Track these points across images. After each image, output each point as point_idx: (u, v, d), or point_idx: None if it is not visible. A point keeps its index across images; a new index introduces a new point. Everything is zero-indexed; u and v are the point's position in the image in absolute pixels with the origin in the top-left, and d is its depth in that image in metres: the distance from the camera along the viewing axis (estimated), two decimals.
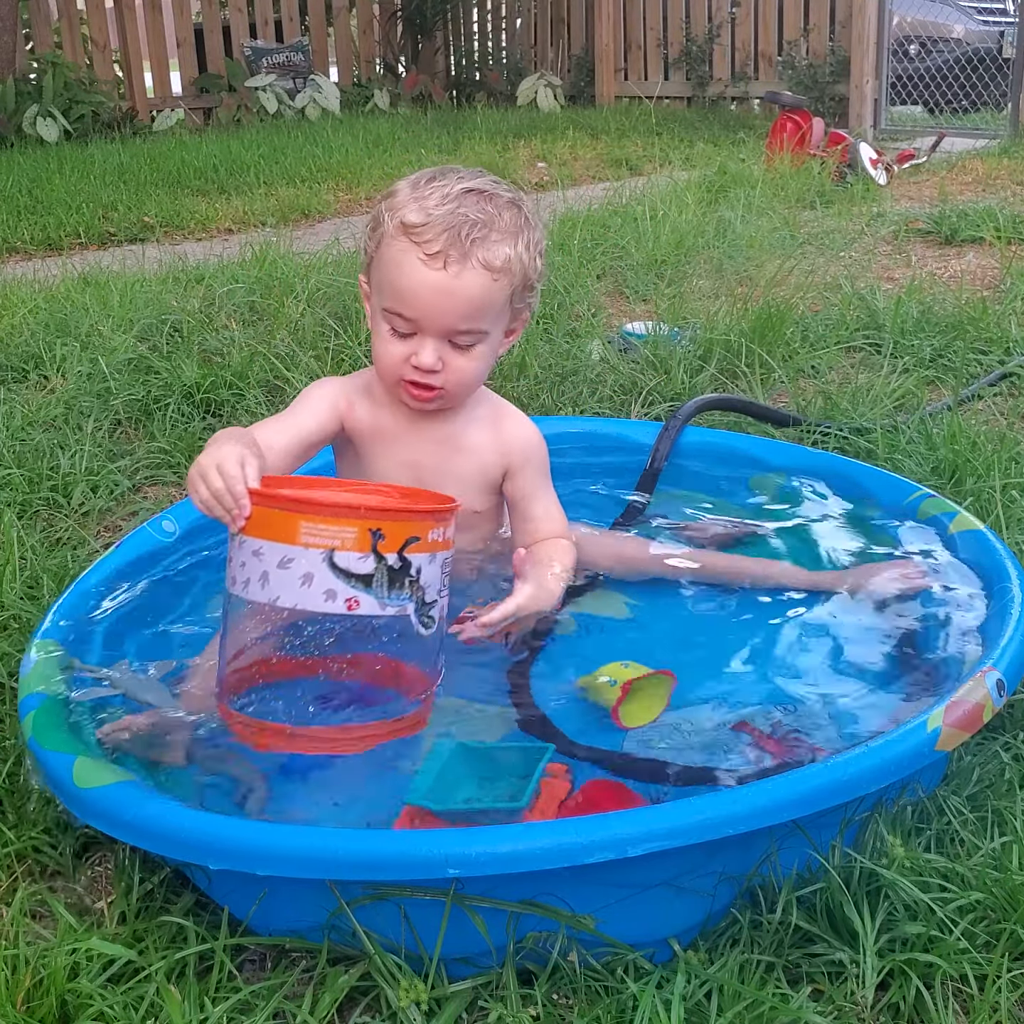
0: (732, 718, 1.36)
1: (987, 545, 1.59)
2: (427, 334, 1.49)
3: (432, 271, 1.45)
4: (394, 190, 1.53)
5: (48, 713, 1.35)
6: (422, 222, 1.45)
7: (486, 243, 1.46)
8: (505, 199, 1.52)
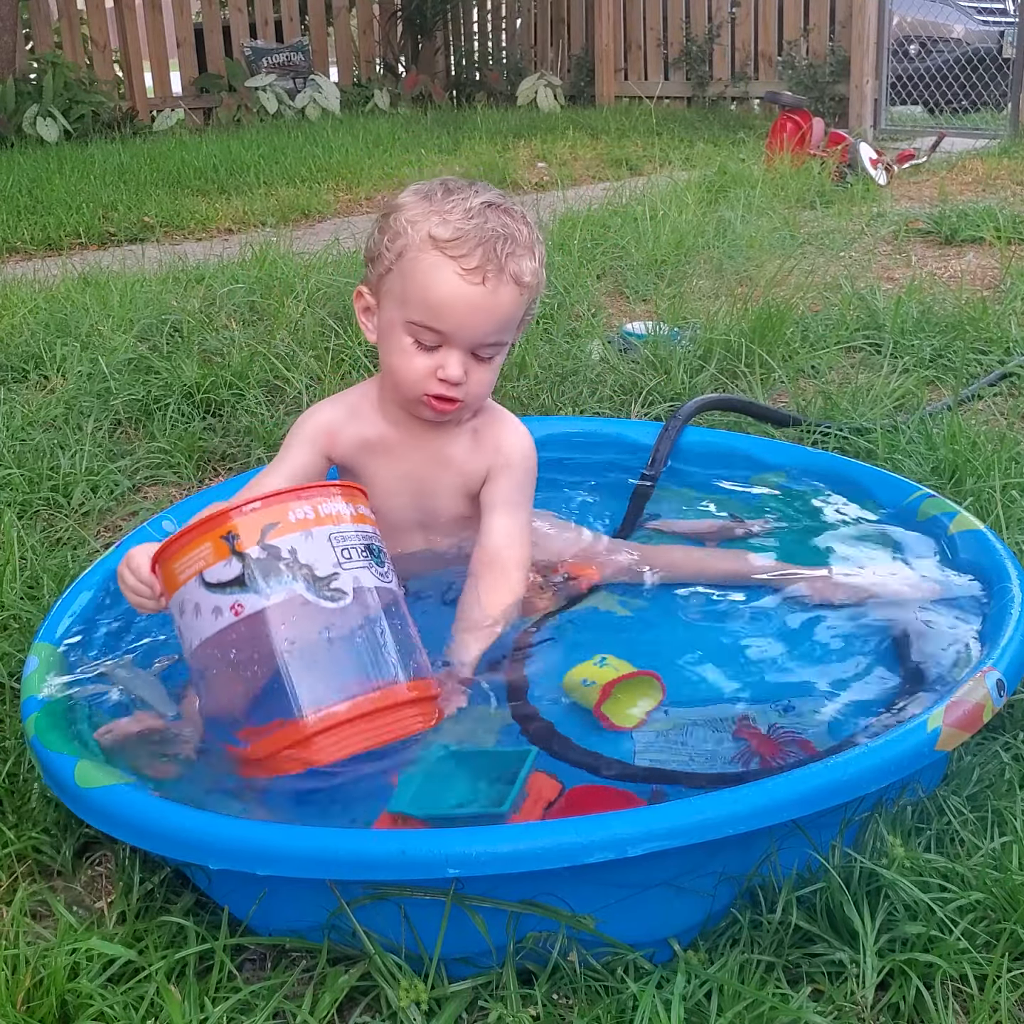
0: (730, 719, 1.36)
1: (987, 545, 1.59)
2: (455, 347, 1.49)
3: (471, 286, 1.45)
4: (401, 203, 1.51)
5: (50, 714, 1.35)
6: (454, 236, 1.45)
7: (515, 258, 1.47)
8: (518, 213, 1.53)
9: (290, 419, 2.57)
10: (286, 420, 2.58)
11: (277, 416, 2.62)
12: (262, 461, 2.39)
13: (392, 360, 1.53)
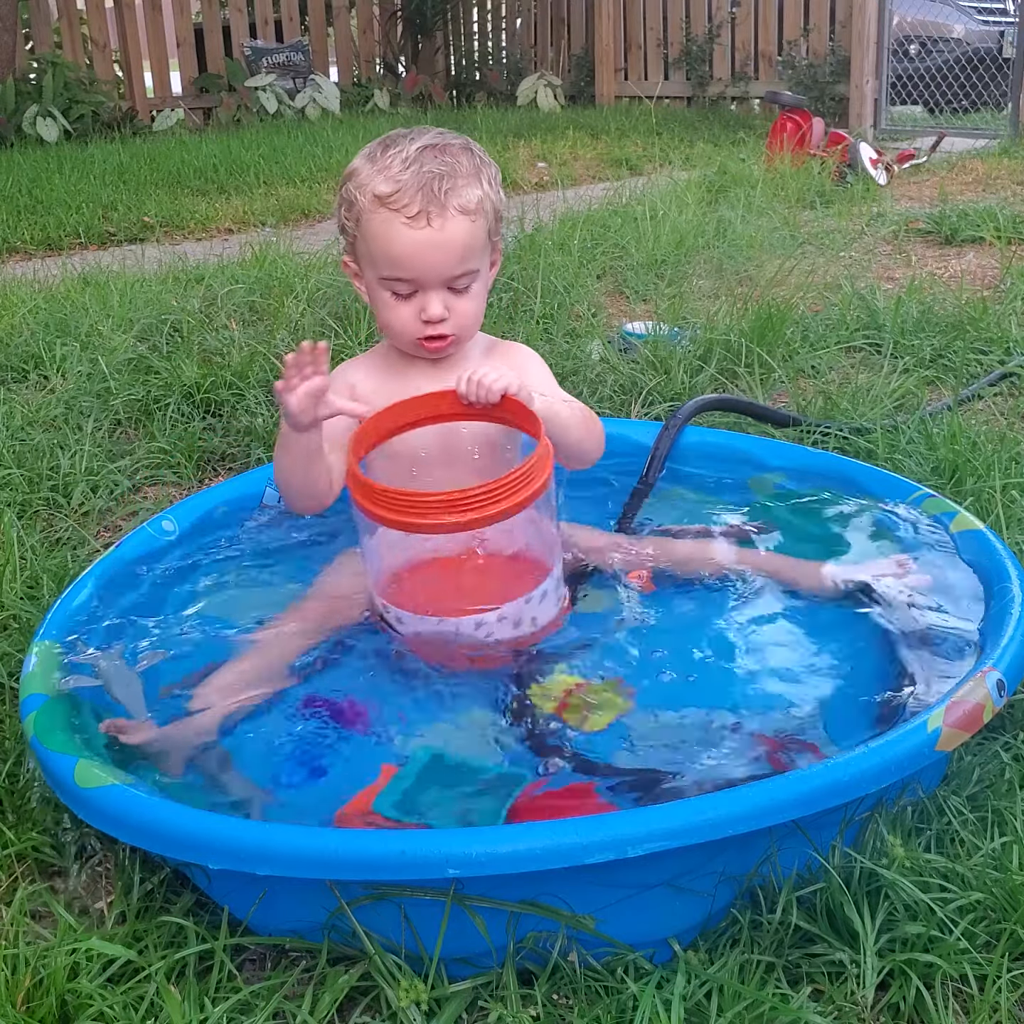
0: (730, 719, 1.36)
1: (987, 545, 1.59)
2: (428, 288, 1.57)
3: (418, 231, 1.53)
4: (353, 169, 1.62)
5: (49, 714, 1.35)
6: (394, 189, 1.54)
7: (456, 190, 1.54)
8: (457, 146, 1.59)
9: None
10: None
11: (277, 416, 2.62)
12: (262, 461, 2.39)
13: (381, 316, 1.64)
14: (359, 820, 1.21)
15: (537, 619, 1.51)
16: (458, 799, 1.25)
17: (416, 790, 1.25)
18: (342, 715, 1.42)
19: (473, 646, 1.48)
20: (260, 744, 1.38)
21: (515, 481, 1.40)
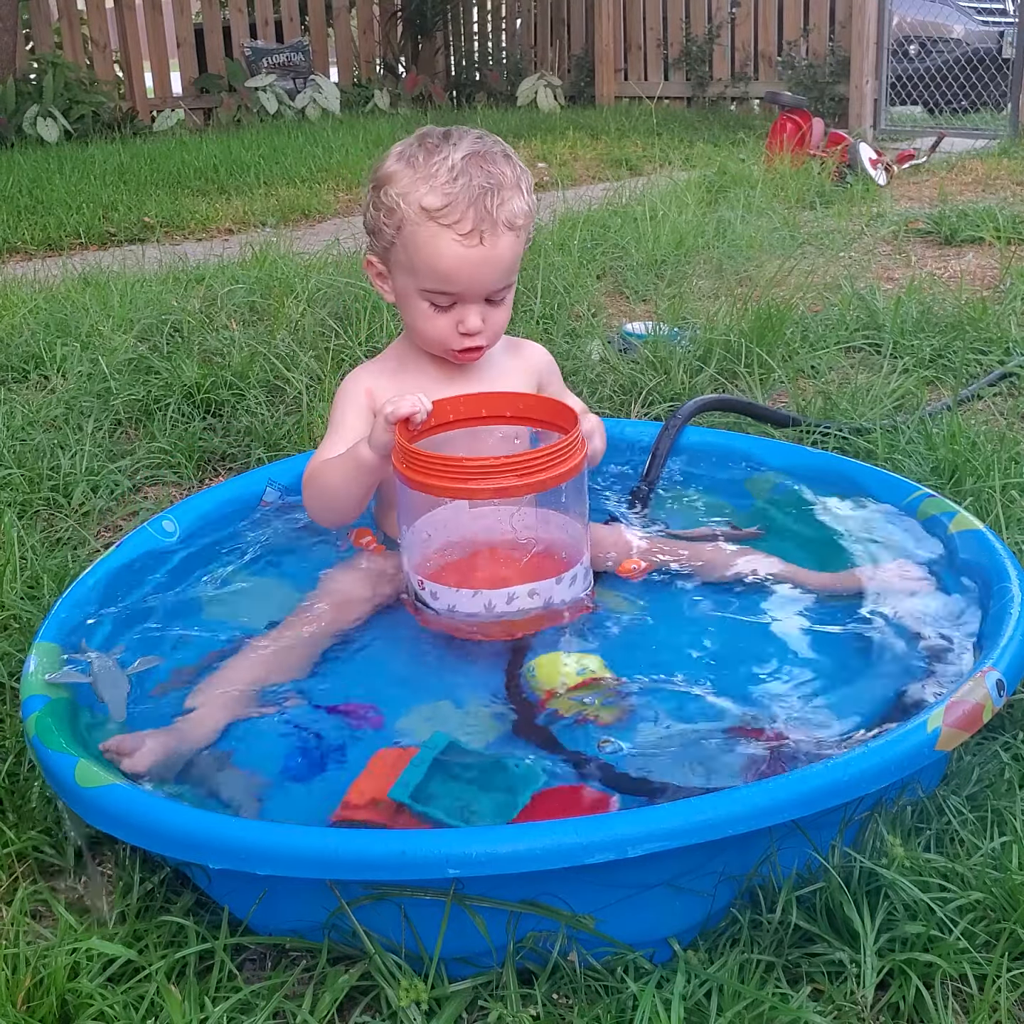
0: (729, 719, 1.36)
1: (987, 545, 1.59)
2: (469, 302, 1.58)
3: (471, 249, 1.53)
4: (391, 173, 1.56)
5: (51, 714, 1.35)
6: (444, 203, 1.51)
7: (505, 205, 1.54)
8: (499, 154, 1.57)
9: (290, 419, 2.58)
10: (286, 420, 2.58)
11: (277, 416, 2.62)
12: (262, 461, 2.39)
13: (415, 323, 1.63)
14: (366, 809, 1.21)
15: (566, 601, 1.54)
16: (467, 793, 1.24)
17: (429, 777, 1.24)
18: (351, 715, 1.42)
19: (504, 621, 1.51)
20: (264, 746, 1.37)
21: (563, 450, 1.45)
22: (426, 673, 1.51)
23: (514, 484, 1.42)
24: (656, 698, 1.41)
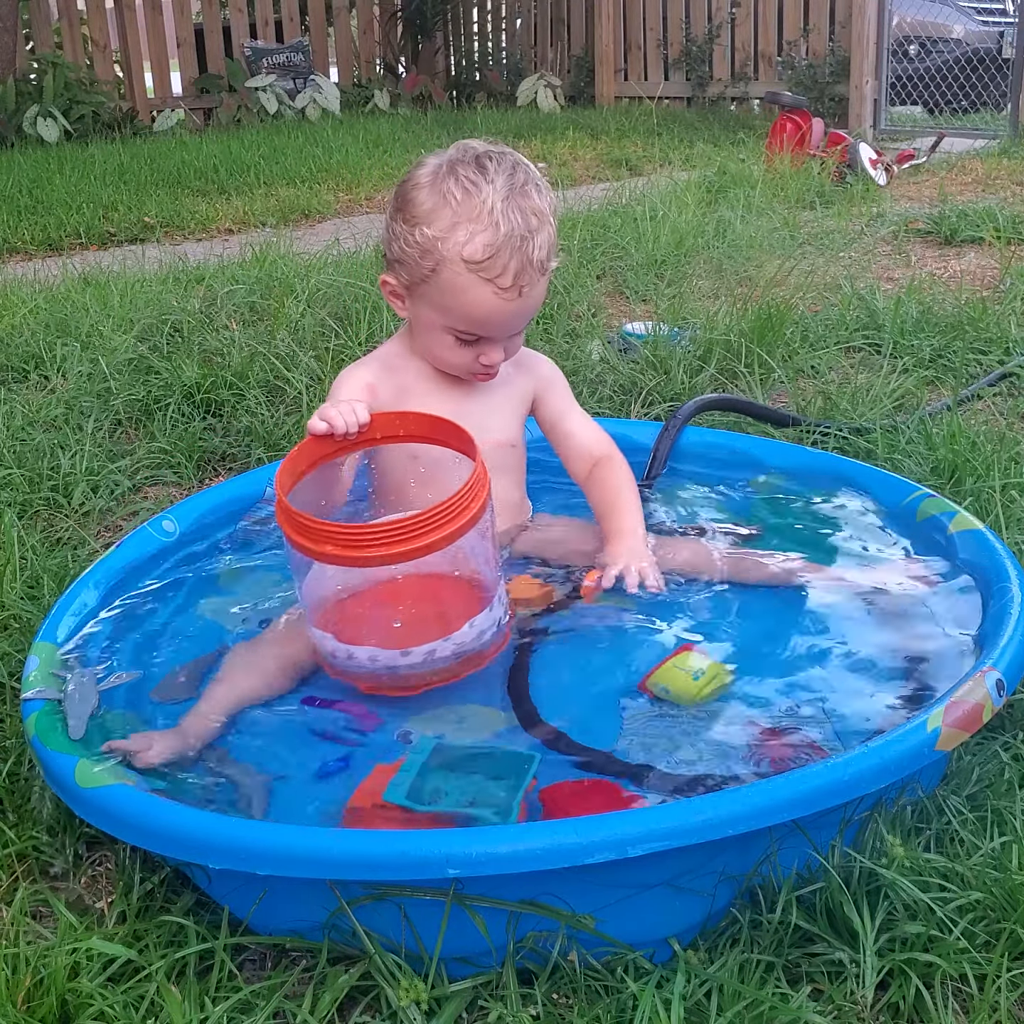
0: (733, 718, 1.36)
1: (987, 545, 1.59)
2: (496, 341, 1.60)
3: (509, 303, 1.54)
4: (426, 210, 1.52)
5: (51, 714, 1.35)
6: (486, 256, 1.50)
7: (542, 250, 1.53)
8: (532, 186, 1.55)
9: (290, 419, 2.58)
10: (286, 420, 2.58)
11: (277, 416, 2.62)
12: (262, 461, 2.39)
13: (434, 351, 1.64)
14: (371, 812, 1.21)
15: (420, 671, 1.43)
16: (469, 785, 1.25)
17: (425, 778, 1.25)
18: (347, 713, 1.42)
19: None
20: (268, 746, 1.38)
21: (452, 507, 1.35)
22: None
23: (404, 549, 1.32)
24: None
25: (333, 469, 1.53)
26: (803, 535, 1.82)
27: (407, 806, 1.20)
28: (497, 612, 1.49)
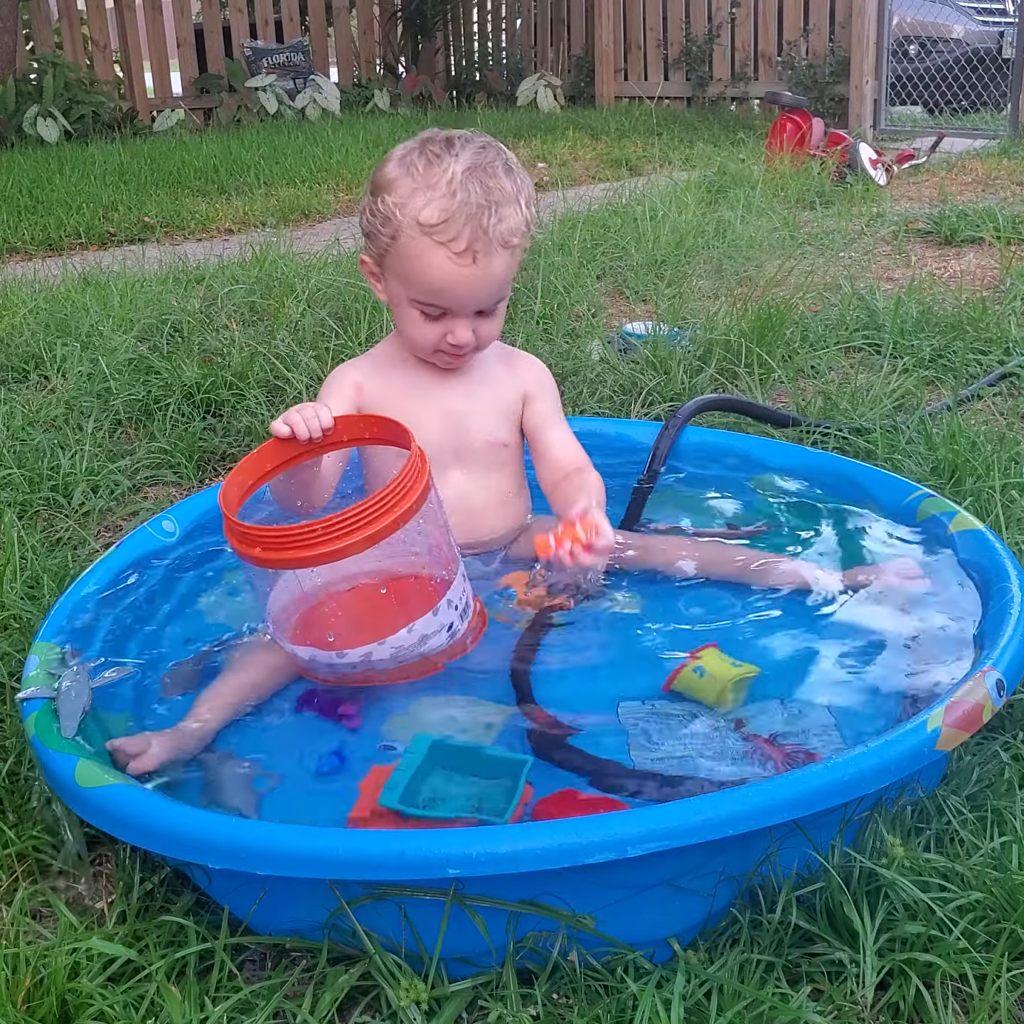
0: (731, 719, 1.36)
1: (987, 545, 1.59)
2: (459, 316, 1.57)
3: (463, 268, 1.52)
4: (390, 180, 1.54)
5: (51, 714, 1.35)
6: (440, 220, 1.49)
7: (502, 223, 1.52)
8: (500, 166, 1.55)
9: None
10: None
11: (277, 416, 2.62)
12: None
13: (404, 328, 1.63)
14: (372, 820, 1.21)
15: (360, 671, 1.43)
16: (464, 790, 1.25)
17: (420, 781, 1.25)
18: (345, 712, 1.42)
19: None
20: (267, 746, 1.38)
21: (386, 499, 1.33)
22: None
23: (320, 552, 1.30)
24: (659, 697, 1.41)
25: (306, 471, 1.52)
26: (802, 536, 1.82)
27: (401, 811, 1.20)
28: (446, 617, 1.44)
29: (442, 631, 1.44)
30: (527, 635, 1.54)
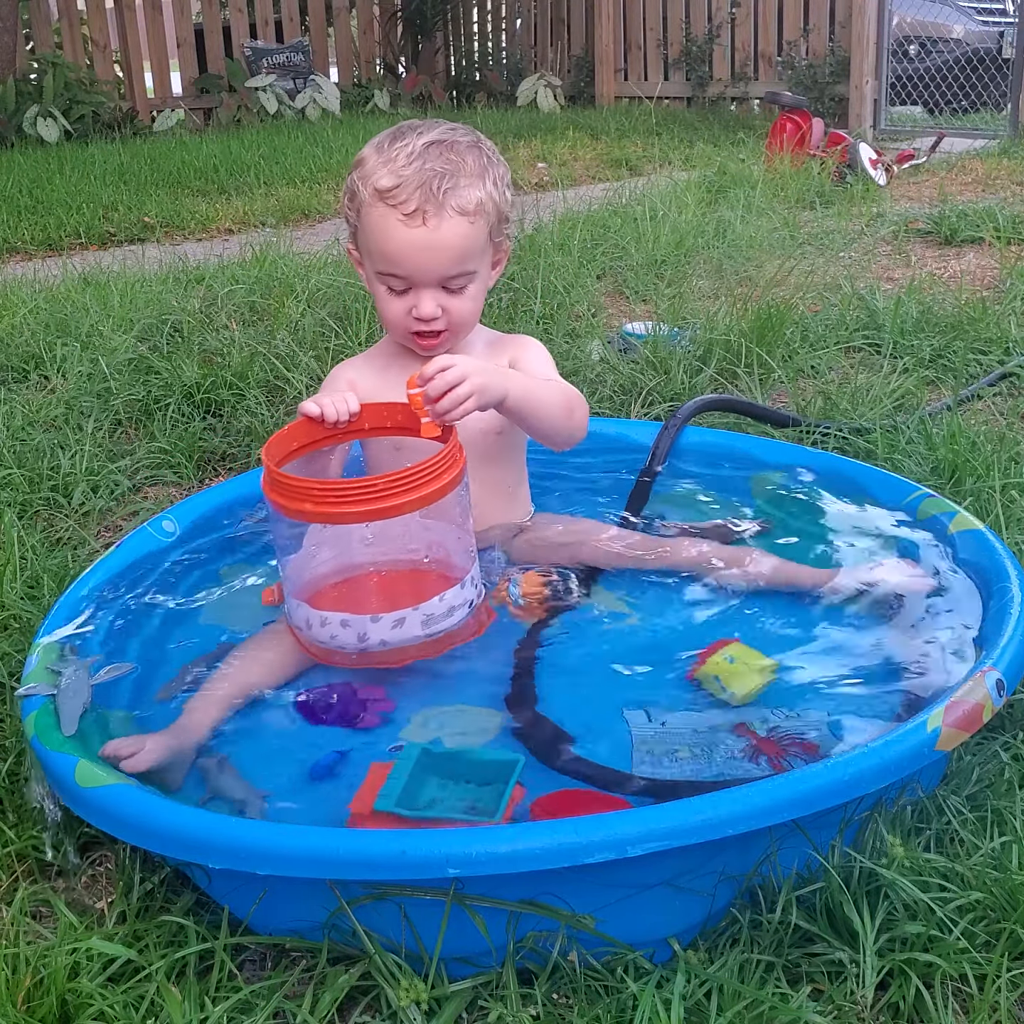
0: (731, 719, 1.36)
1: (987, 545, 1.59)
2: (421, 287, 1.57)
3: (413, 230, 1.53)
4: (361, 158, 1.61)
5: (50, 713, 1.35)
6: (394, 184, 1.53)
7: (457, 190, 1.53)
8: (465, 143, 1.57)
9: (290, 419, 2.58)
10: (286, 420, 2.58)
11: (277, 416, 2.62)
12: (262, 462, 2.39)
13: (378, 307, 1.65)
14: (370, 820, 1.21)
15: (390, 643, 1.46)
16: (458, 791, 1.25)
17: (415, 784, 1.25)
18: (339, 710, 1.42)
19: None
20: (263, 746, 1.38)
21: (437, 464, 1.40)
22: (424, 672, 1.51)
23: (384, 506, 1.37)
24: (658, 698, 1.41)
25: (322, 458, 1.56)
26: (802, 536, 1.82)
27: (398, 813, 1.20)
28: (469, 593, 1.51)
29: (464, 606, 1.50)
30: (528, 637, 1.54)
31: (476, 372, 1.46)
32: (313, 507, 1.38)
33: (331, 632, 1.46)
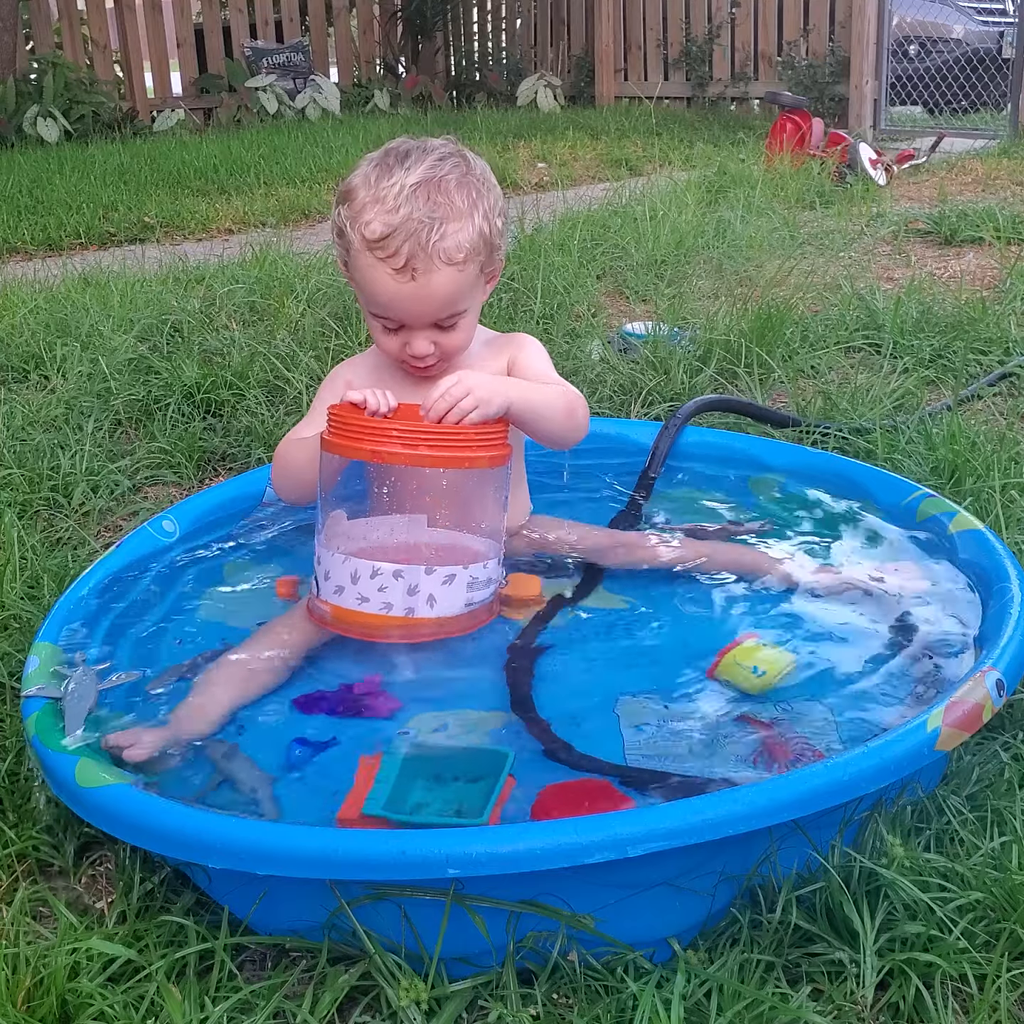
0: (732, 715, 1.36)
1: (987, 545, 1.59)
2: (415, 329, 1.58)
3: (403, 284, 1.52)
4: (349, 190, 1.56)
5: (51, 713, 1.35)
6: (382, 235, 1.50)
7: (445, 240, 1.50)
8: (454, 180, 1.53)
9: (290, 419, 2.58)
10: (286, 420, 2.58)
11: (277, 416, 2.62)
12: (262, 461, 2.39)
13: (373, 335, 1.66)
14: (359, 824, 1.21)
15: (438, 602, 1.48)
16: (447, 793, 1.25)
17: (403, 787, 1.24)
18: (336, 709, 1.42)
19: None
20: (260, 741, 1.38)
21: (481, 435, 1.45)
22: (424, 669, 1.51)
23: (425, 454, 1.43)
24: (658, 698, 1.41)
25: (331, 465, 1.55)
26: (802, 536, 1.82)
27: (387, 816, 1.20)
28: (498, 572, 1.56)
29: (494, 583, 1.55)
30: (525, 635, 1.55)
31: (478, 385, 1.47)
32: (401, 447, 1.42)
33: (380, 583, 1.46)
